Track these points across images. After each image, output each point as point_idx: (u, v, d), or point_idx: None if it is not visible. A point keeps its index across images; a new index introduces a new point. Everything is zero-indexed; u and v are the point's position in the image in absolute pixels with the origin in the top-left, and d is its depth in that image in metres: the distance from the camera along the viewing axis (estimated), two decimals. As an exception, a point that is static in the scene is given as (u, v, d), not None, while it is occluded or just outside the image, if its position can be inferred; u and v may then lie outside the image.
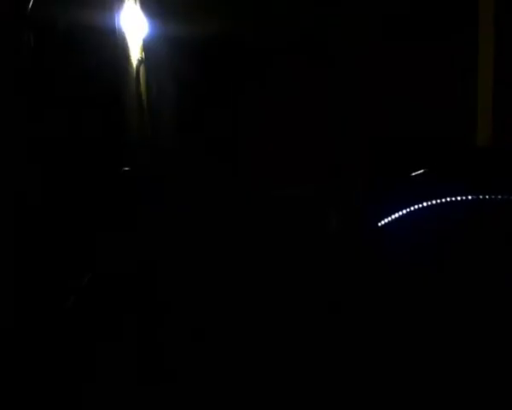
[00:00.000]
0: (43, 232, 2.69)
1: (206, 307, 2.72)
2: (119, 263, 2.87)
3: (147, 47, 4.69)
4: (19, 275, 2.54)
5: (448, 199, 2.15)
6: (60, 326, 2.58)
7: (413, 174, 2.41)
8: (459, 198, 2.14)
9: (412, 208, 2.20)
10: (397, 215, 2.22)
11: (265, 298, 2.67)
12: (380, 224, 2.26)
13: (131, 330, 2.61)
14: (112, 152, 3.47)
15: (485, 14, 4.28)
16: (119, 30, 4.07)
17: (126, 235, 3.01)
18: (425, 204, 2.19)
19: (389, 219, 2.24)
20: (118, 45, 4.02)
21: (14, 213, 2.56)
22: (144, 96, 4.61)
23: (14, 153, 2.57)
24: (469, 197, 2.14)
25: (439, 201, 2.16)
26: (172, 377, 2.39)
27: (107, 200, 3.22)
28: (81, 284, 2.74)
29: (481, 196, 2.14)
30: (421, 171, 2.39)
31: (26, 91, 2.65)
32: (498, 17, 4.23)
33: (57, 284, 2.67)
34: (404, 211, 2.21)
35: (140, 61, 4.56)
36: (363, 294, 2.25)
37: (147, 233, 3.07)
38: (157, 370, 2.42)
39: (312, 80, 4.79)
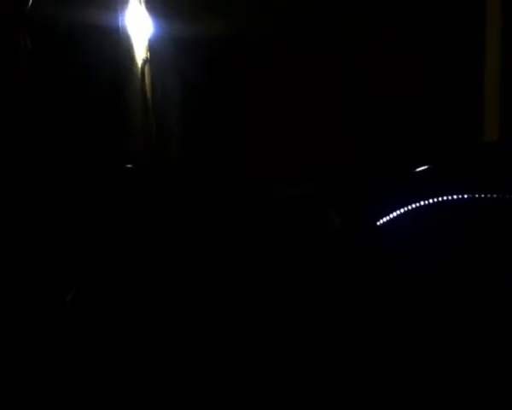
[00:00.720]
0: (44, 230, 2.71)
1: (207, 306, 2.71)
2: (119, 262, 2.87)
3: (152, 47, 4.70)
4: (19, 272, 2.55)
5: (448, 198, 2.11)
6: (59, 324, 2.59)
7: (413, 171, 2.38)
8: (459, 196, 2.11)
9: (411, 207, 2.17)
10: (395, 214, 2.19)
11: (266, 297, 2.65)
12: (378, 223, 2.23)
13: (132, 330, 2.60)
14: (114, 150, 3.48)
15: (493, 12, 4.25)
16: (124, 30, 4.08)
17: (127, 232, 3.01)
18: (424, 203, 2.16)
19: (387, 218, 2.21)
20: (122, 45, 4.03)
21: (16, 211, 2.58)
22: (149, 96, 4.62)
23: (15, 153, 2.59)
24: (470, 196, 2.11)
25: (438, 199, 2.13)
26: (172, 377, 2.38)
27: (109, 197, 3.22)
28: (81, 282, 2.75)
29: (483, 195, 2.10)
30: (422, 168, 2.37)
31: (26, 91, 2.66)
32: (506, 16, 4.20)
33: (57, 281, 2.68)
34: (403, 210, 2.18)
35: (145, 61, 4.57)
36: (362, 294, 2.23)
37: (147, 232, 3.07)
38: (157, 369, 2.41)
39: (315, 79, 4.77)
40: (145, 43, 4.62)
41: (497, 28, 4.27)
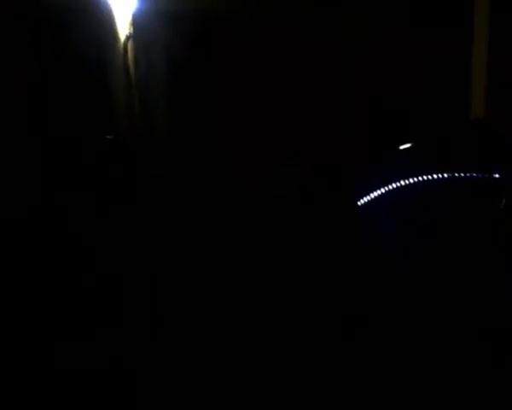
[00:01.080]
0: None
1: (207, 305, 2.71)
2: (117, 260, 2.83)
3: (136, 21, 4.61)
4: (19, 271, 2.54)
5: (426, 177, 2.12)
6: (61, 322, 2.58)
7: (394, 151, 2.39)
8: (438, 176, 2.12)
9: (391, 187, 2.17)
10: (376, 194, 2.20)
11: (265, 287, 2.67)
12: (359, 203, 2.24)
13: (132, 330, 2.58)
14: (94, 123, 3.41)
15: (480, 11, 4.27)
16: (105, 4, 4.00)
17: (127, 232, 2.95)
18: (405, 183, 2.16)
19: (368, 198, 2.22)
20: (103, 20, 3.95)
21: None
22: (132, 72, 4.55)
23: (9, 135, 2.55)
24: (449, 175, 2.11)
25: (419, 179, 2.14)
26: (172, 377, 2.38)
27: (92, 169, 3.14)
28: (79, 280, 2.71)
29: (463, 174, 2.11)
30: (403, 147, 2.37)
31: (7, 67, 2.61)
32: (492, 18, 4.23)
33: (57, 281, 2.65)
34: (383, 190, 2.18)
35: (128, 37, 4.49)
36: (349, 278, 2.25)
37: (147, 232, 3.04)
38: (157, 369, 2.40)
39: (307, 62, 4.73)
40: (128, 18, 4.53)
41: (485, 30, 4.30)
